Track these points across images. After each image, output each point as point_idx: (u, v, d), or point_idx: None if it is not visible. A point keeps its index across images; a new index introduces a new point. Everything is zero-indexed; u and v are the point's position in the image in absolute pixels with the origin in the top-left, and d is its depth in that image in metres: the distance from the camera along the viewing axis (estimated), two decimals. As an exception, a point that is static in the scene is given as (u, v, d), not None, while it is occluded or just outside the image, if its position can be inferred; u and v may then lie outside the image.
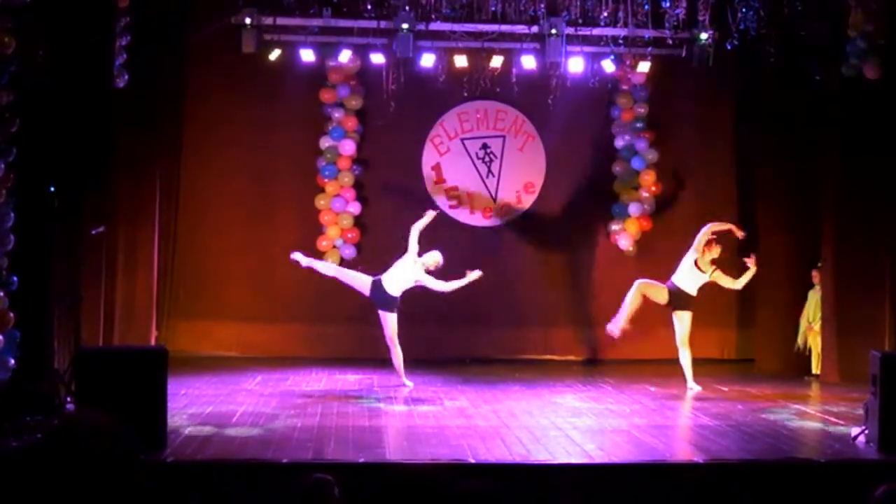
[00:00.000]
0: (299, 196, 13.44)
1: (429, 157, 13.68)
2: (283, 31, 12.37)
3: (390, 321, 10.93)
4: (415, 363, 12.52)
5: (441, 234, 13.57)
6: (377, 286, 10.94)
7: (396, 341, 10.94)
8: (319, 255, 13.22)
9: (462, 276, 11.02)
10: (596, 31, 12.31)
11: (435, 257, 11.01)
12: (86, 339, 9.83)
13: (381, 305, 10.97)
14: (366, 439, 8.29)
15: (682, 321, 11.00)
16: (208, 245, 13.28)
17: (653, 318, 13.33)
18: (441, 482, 3.20)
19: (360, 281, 11.06)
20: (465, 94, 13.10)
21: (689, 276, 10.99)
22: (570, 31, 12.20)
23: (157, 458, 7.14)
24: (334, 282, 11.43)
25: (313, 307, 13.00)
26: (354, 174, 13.41)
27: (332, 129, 13.34)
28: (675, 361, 13.15)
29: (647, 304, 13.28)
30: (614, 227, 13.56)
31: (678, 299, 11.00)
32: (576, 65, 12.61)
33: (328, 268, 11.44)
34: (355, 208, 13.38)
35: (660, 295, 11.03)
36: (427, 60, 12.49)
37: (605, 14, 11.87)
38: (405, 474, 3.24)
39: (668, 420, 9.19)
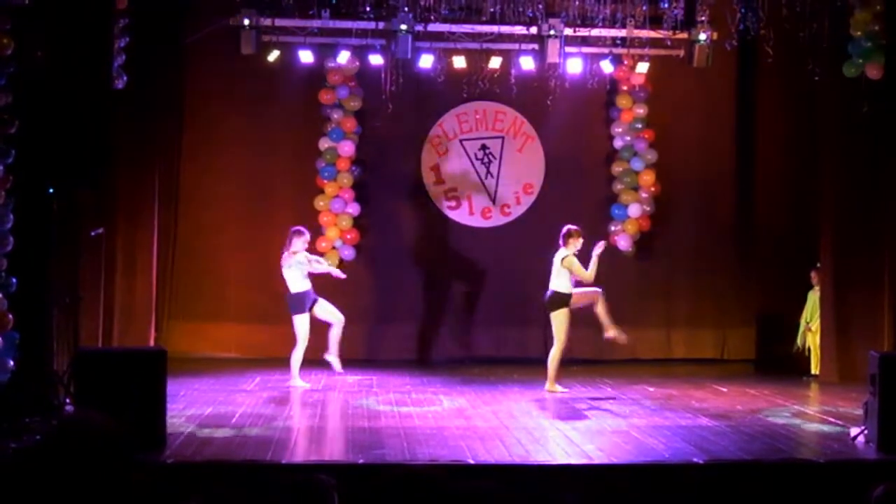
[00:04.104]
0: (298, 197, 13.43)
1: (428, 158, 13.68)
2: (281, 32, 12.38)
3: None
4: (414, 363, 12.54)
5: (440, 236, 13.61)
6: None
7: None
8: (319, 256, 13.22)
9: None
10: (594, 32, 12.32)
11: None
12: (85, 340, 9.84)
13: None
14: (365, 440, 8.29)
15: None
16: (207, 246, 13.27)
17: (652, 318, 13.37)
18: (440, 483, 3.19)
19: None
20: (464, 95, 13.10)
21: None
22: (568, 31, 12.21)
23: (157, 459, 7.14)
24: (333, 283, 11.44)
25: (312, 308, 12.99)
26: (353, 175, 13.41)
27: (331, 131, 13.34)
28: (673, 361, 13.19)
29: (648, 304, 13.32)
30: (614, 227, 13.56)
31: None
32: (574, 66, 12.61)
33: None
34: (354, 209, 13.37)
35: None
36: (426, 61, 12.49)
37: (604, 14, 11.87)
38: (404, 475, 3.23)
39: (668, 420, 9.19)
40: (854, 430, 8.38)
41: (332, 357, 11.10)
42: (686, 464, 7.45)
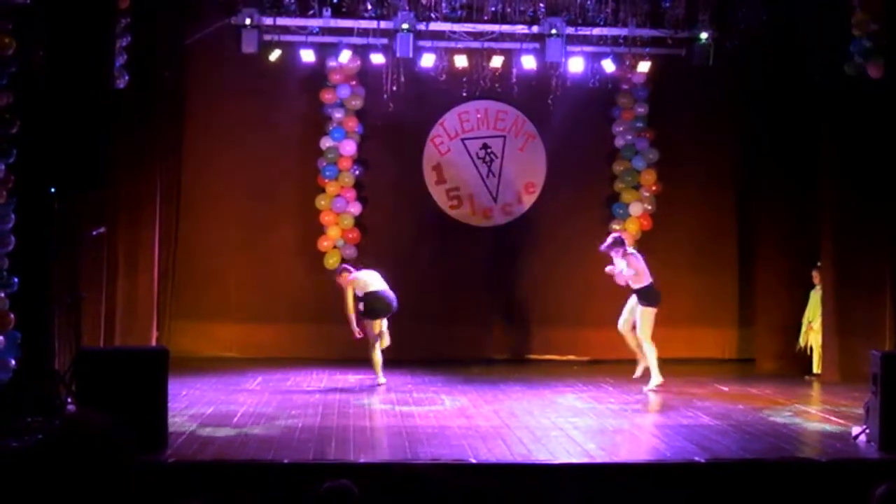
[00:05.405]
0: (300, 196, 13.44)
1: (429, 157, 13.67)
2: (283, 31, 12.38)
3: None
4: (415, 363, 12.53)
5: (441, 235, 13.61)
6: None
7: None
8: (320, 255, 13.23)
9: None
10: (596, 31, 12.32)
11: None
12: (86, 339, 9.83)
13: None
14: (366, 439, 8.30)
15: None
16: (209, 245, 13.27)
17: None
18: (442, 482, 3.20)
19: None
20: (466, 94, 13.10)
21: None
22: (569, 30, 12.21)
23: (158, 459, 7.14)
24: (334, 282, 11.45)
25: (314, 308, 13.00)
26: (355, 174, 13.41)
27: (332, 130, 13.34)
28: (675, 361, 13.18)
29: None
30: (615, 226, 13.55)
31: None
32: (576, 65, 12.61)
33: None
34: (356, 209, 13.37)
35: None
36: (427, 60, 12.49)
37: (606, 14, 11.87)
38: (406, 474, 3.23)
39: (669, 420, 9.18)
40: (856, 430, 8.38)
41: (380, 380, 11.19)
42: (687, 463, 7.44)
